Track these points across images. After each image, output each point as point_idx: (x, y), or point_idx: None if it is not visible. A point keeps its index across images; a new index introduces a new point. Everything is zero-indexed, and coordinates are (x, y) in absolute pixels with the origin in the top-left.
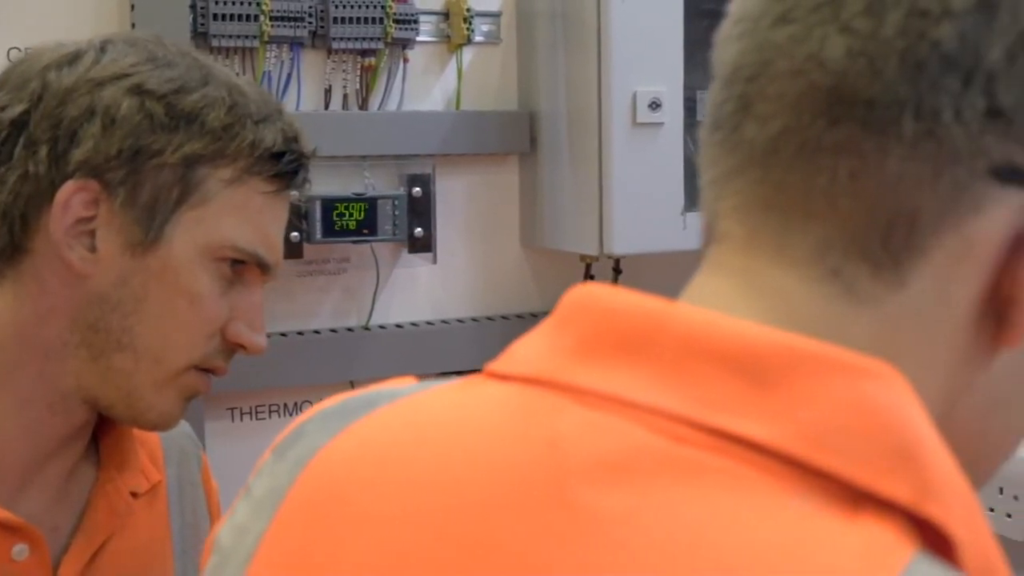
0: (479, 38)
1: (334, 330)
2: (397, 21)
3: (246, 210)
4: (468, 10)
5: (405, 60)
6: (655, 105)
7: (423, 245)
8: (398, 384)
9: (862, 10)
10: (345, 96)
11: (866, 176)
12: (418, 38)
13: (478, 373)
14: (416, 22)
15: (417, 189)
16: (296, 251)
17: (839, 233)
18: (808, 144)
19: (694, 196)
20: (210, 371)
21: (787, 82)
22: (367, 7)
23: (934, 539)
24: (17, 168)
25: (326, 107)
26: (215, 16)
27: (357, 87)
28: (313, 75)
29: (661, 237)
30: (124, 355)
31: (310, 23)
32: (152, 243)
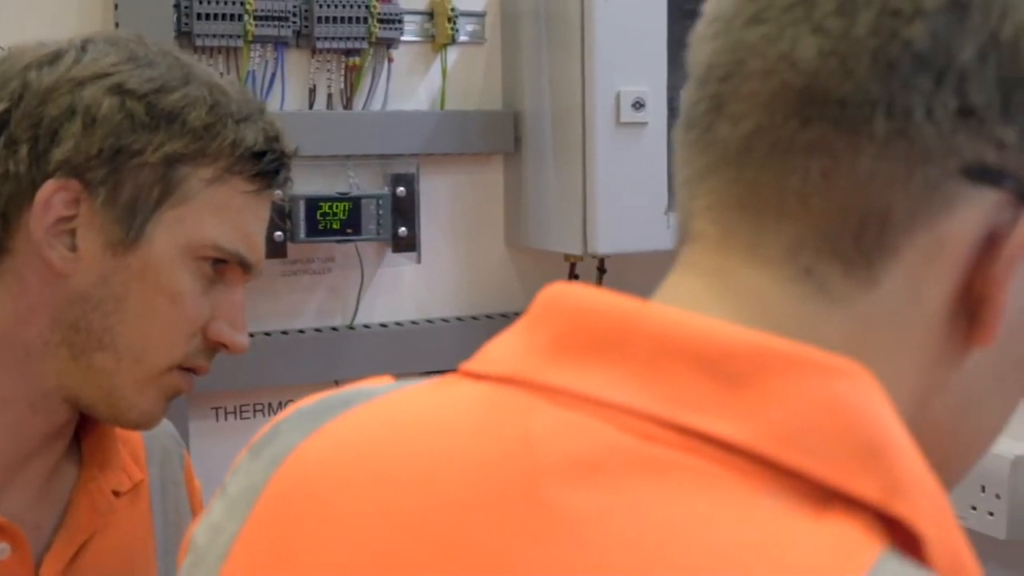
0: (463, 38)
1: (319, 329)
2: (381, 21)
3: (227, 209)
4: (452, 10)
5: (389, 60)
6: (639, 105)
7: (407, 245)
8: (374, 383)
9: (834, 10)
10: (329, 96)
11: (838, 175)
12: (402, 38)
13: (453, 372)
14: (400, 22)
15: (401, 189)
16: (280, 250)
17: (811, 232)
18: (780, 144)
19: None
20: (192, 370)
21: (760, 82)
22: (351, 7)
23: (904, 538)
24: None
25: (310, 107)
26: (199, 15)
27: (341, 87)
28: (297, 75)
29: (645, 237)
30: (105, 354)
31: (294, 23)
32: (133, 242)
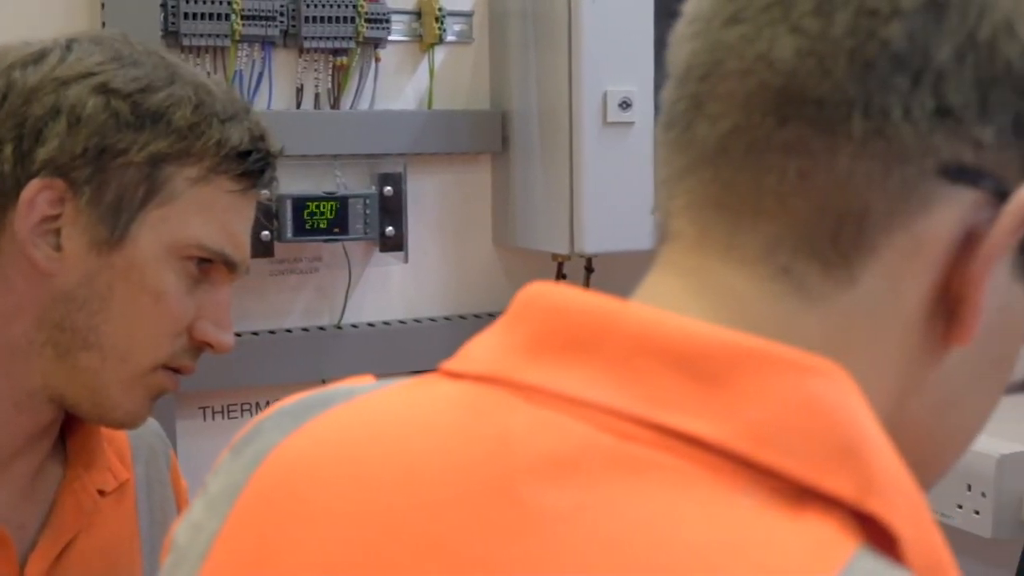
0: (451, 37)
1: (306, 329)
2: (369, 20)
3: (212, 209)
4: (440, 9)
5: (377, 59)
6: (626, 104)
7: (394, 244)
8: (355, 382)
9: (811, 10)
10: (317, 95)
11: (816, 175)
12: (390, 37)
13: (433, 371)
14: (388, 21)
15: (389, 188)
16: (267, 250)
17: (789, 231)
18: (758, 143)
19: None
20: (177, 370)
21: (737, 81)
22: (339, 6)
23: (879, 536)
24: None
25: (298, 106)
26: (186, 15)
27: (329, 86)
28: (285, 74)
29: (632, 236)
30: (90, 353)
31: (282, 22)
32: (118, 242)
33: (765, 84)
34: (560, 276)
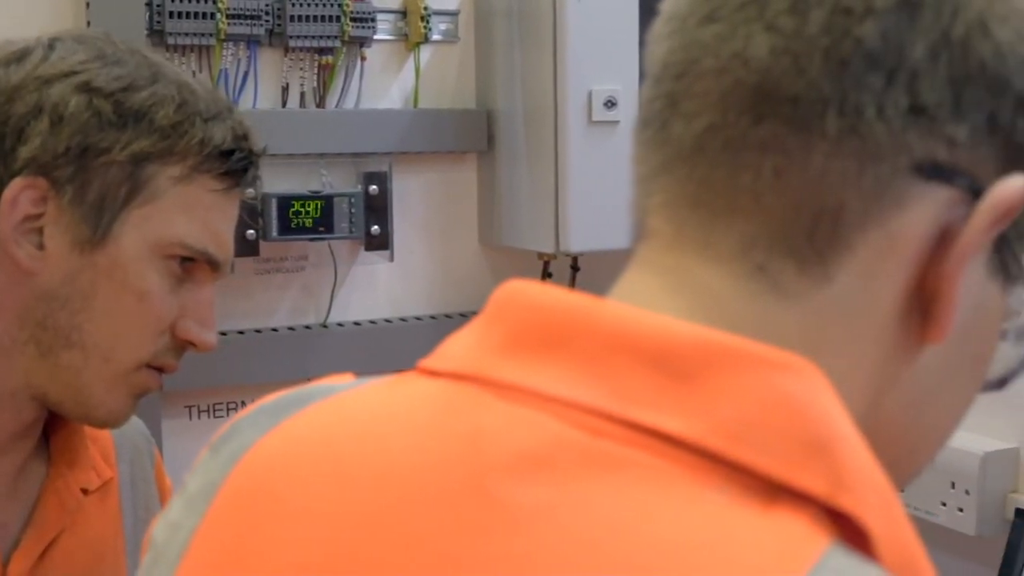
0: (437, 36)
1: (292, 328)
2: (354, 19)
3: (195, 208)
4: (426, 8)
5: (363, 58)
6: (611, 103)
7: (380, 243)
8: (334, 381)
9: (786, 8)
10: (302, 94)
11: (790, 173)
12: (375, 36)
13: (410, 370)
14: (373, 20)
15: (374, 187)
16: (252, 249)
17: (764, 229)
18: (733, 141)
19: None
20: (160, 369)
21: (713, 80)
22: (324, 5)
23: (852, 533)
24: None
25: (283, 105)
26: (171, 14)
27: (314, 85)
28: (270, 73)
29: (618, 235)
30: (73, 352)
31: (267, 21)
32: (100, 240)
33: (740, 82)
34: (546, 275)
